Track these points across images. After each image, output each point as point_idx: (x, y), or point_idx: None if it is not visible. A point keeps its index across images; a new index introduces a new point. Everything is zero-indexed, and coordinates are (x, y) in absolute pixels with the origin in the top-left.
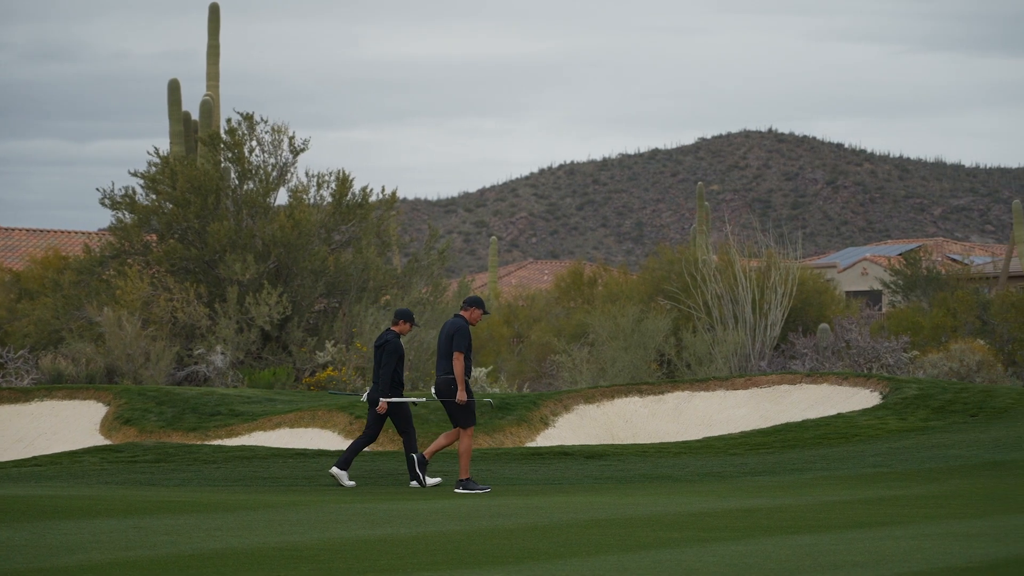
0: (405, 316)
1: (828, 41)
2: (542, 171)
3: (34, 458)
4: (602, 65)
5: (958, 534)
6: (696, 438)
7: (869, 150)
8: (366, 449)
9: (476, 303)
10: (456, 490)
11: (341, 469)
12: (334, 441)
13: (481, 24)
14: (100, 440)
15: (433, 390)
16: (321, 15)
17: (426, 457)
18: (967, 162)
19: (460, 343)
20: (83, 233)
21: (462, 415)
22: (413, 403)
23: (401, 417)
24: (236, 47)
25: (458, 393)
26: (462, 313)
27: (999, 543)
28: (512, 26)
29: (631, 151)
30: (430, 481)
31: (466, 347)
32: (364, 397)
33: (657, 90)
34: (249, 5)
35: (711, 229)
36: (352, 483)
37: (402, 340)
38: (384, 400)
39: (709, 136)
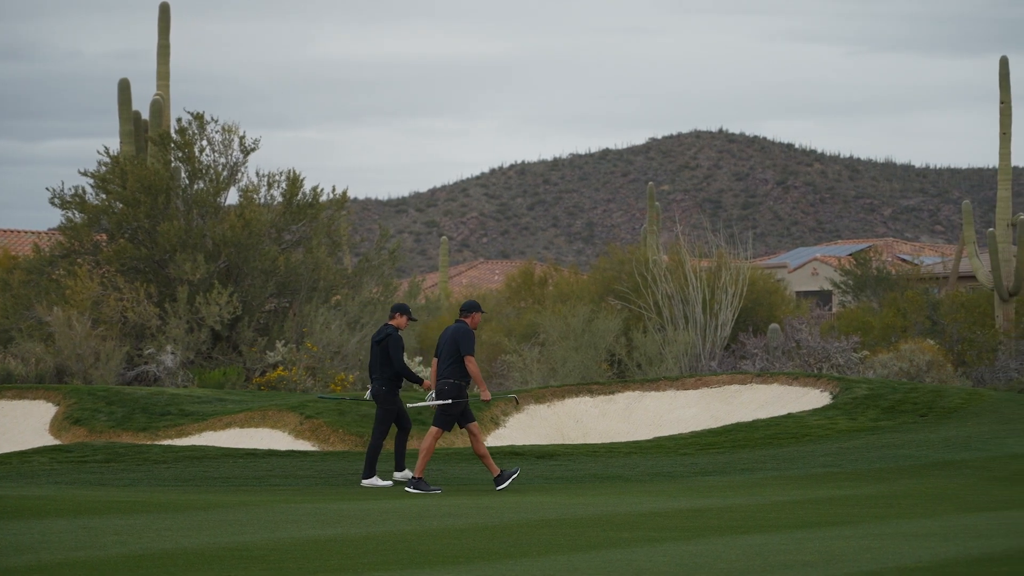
0: (402, 310)
1: (779, 42)
2: (493, 171)
3: None
4: (554, 65)
5: (908, 534)
6: (646, 438)
7: (819, 150)
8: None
9: (476, 307)
10: (407, 489)
11: (400, 471)
12: (284, 441)
13: (434, 24)
14: (50, 440)
15: (433, 394)
16: (273, 15)
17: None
18: (917, 162)
19: (469, 346)
20: (33, 233)
21: (444, 416)
22: (420, 405)
23: (384, 412)
24: (187, 47)
25: (482, 393)
26: (464, 319)
27: (948, 543)
28: (464, 26)
29: (582, 151)
30: (383, 483)
31: (472, 351)
32: (368, 395)
33: (608, 90)
34: (200, 5)
35: (661, 229)
36: (387, 483)
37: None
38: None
39: (660, 136)
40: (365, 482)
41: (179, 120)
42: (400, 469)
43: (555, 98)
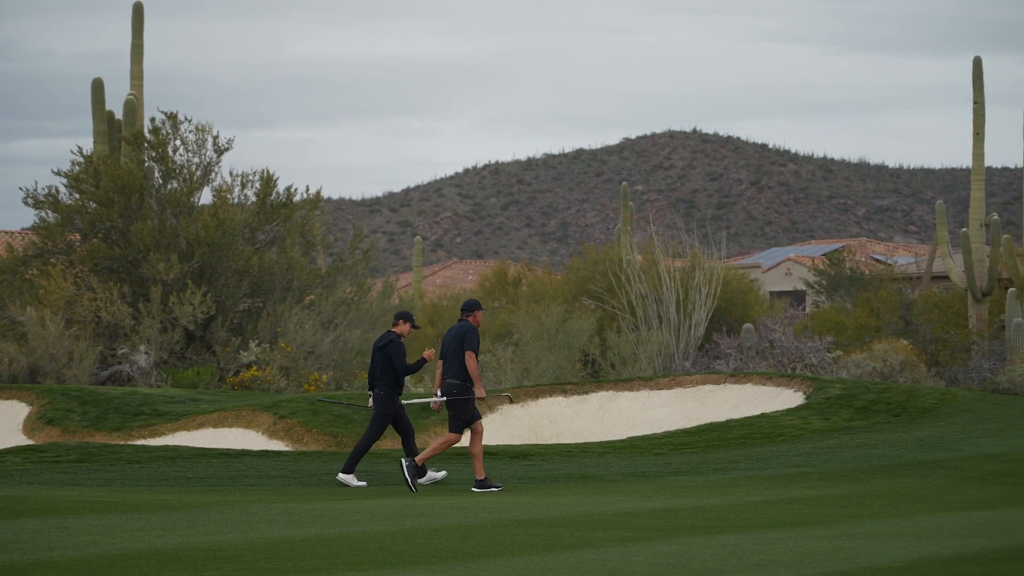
0: (406, 317)
1: (753, 42)
2: (467, 171)
3: None
4: (528, 65)
5: (881, 534)
6: (620, 438)
7: (793, 150)
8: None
9: (477, 306)
10: (473, 489)
11: (418, 477)
12: (258, 441)
13: (408, 24)
14: (23, 440)
15: (439, 392)
16: (247, 15)
17: (418, 463)
18: (891, 163)
19: (473, 343)
20: (6, 232)
21: (458, 420)
22: (423, 402)
23: (380, 415)
24: (161, 47)
25: (477, 389)
26: (467, 318)
27: (921, 542)
28: (438, 26)
29: (556, 151)
30: (424, 480)
31: (477, 348)
32: (370, 404)
33: (582, 90)
34: (174, 5)
35: (635, 229)
36: (441, 474)
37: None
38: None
39: (634, 136)
40: (342, 476)
41: (153, 120)
42: (422, 474)
43: (529, 98)
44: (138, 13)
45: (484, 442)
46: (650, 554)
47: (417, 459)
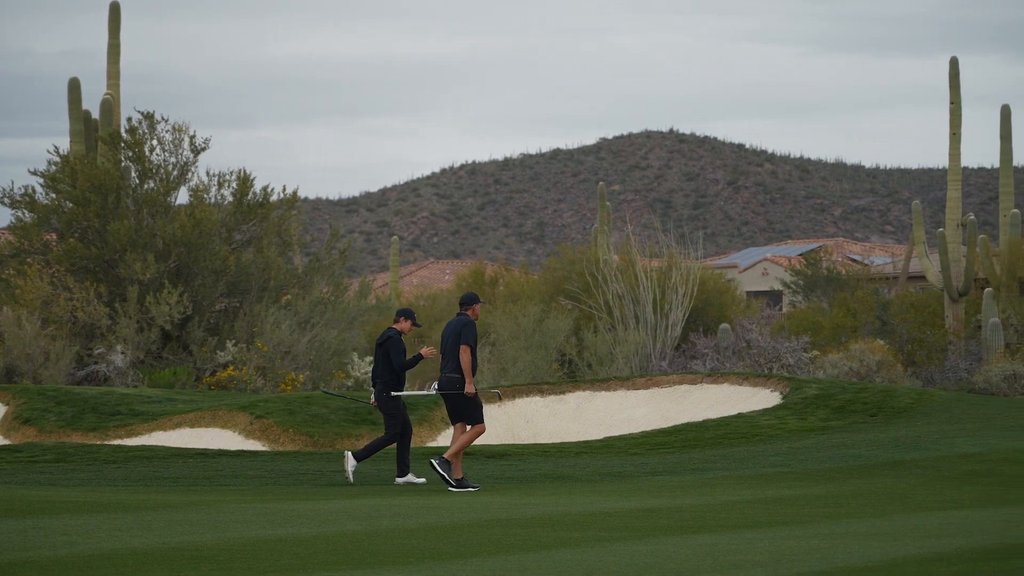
0: (407, 314)
1: (730, 42)
2: (444, 171)
3: None
4: (505, 66)
5: (857, 533)
6: (597, 438)
7: (770, 150)
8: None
9: (475, 299)
10: (433, 461)
11: (403, 475)
12: (234, 441)
13: (386, 24)
14: None
15: (436, 386)
16: (225, 14)
17: (447, 458)
18: (867, 163)
19: (469, 336)
20: None
21: (468, 412)
22: (420, 395)
23: (392, 417)
24: (138, 46)
25: (466, 385)
26: (465, 311)
27: (898, 542)
28: (416, 27)
29: (533, 151)
30: (401, 480)
31: (474, 341)
32: (371, 400)
33: (559, 90)
34: (151, 5)
35: (612, 229)
36: (423, 480)
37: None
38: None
39: (610, 136)
40: (400, 480)
41: (129, 120)
42: (403, 475)
43: (506, 98)
44: (115, 13)
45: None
46: (627, 554)
47: (446, 456)
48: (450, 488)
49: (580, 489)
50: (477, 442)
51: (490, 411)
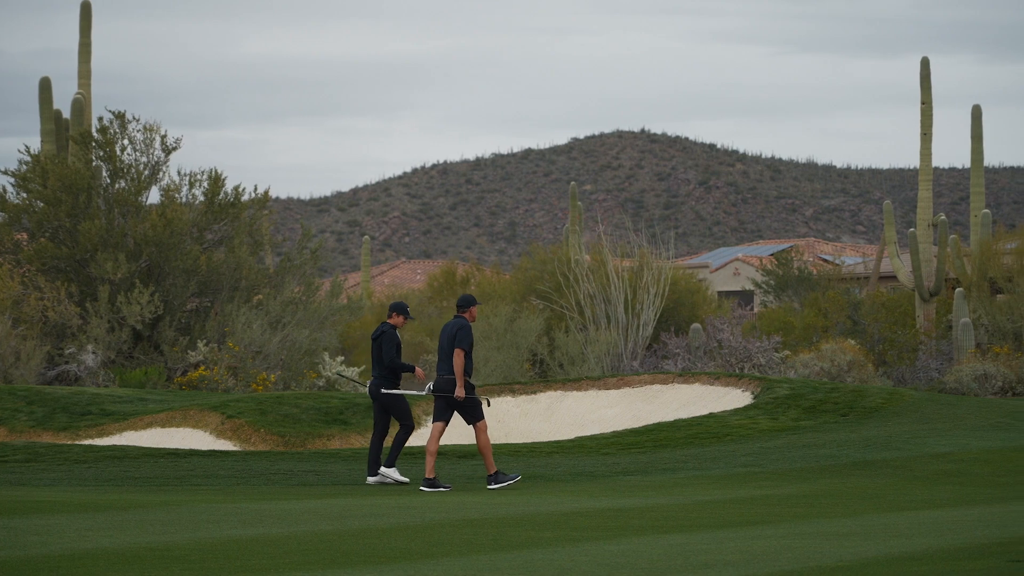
0: (399, 309)
1: (701, 42)
2: (415, 171)
3: None
4: (477, 65)
5: (828, 533)
6: (568, 438)
7: (741, 151)
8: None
9: (472, 301)
10: (489, 487)
11: (374, 475)
12: (206, 441)
13: (358, 24)
14: None
15: (431, 386)
16: (196, 14)
17: (430, 477)
18: (838, 163)
19: (463, 340)
20: None
21: (467, 412)
22: (414, 395)
23: (399, 409)
24: (109, 46)
25: (456, 389)
26: (462, 314)
27: (869, 542)
28: (388, 26)
29: (504, 151)
30: (401, 477)
31: (469, 345)
32: (366, 390)
33: (531, 90)
34: (123, 4)
35: (584, 229)
36: (407, 480)
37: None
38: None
39: (582, 136)
40: (424, 487)
41: (100, 119)
42: (373, 474)
43: (478, 98)
44: (86, 12)
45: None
46: (598, 554)
47: (488, 471)
48: (488, 487)
49: (552, 489)
50: (455, 441)
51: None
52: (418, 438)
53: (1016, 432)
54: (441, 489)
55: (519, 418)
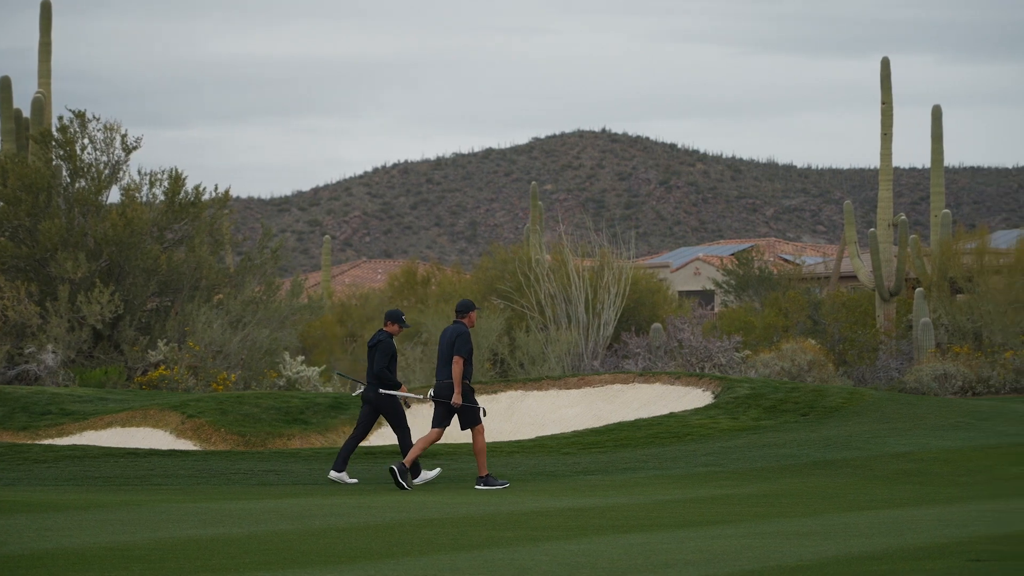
0: (394, 318)
1: (662, 42)
2: (376, 170)
3: None
4: (438, 65)
5: (789, 532)
6: (529, 437)
7: (702, 150)
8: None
9: (471, 307)
10: (477, 487)
11: (339, 471)
12: (166, 440)
13: (318, 24)
14: None
15: (432, 392)
16: (158, 13)
17: (406, 465)
18: (799, 163)
19: (462, 348)
20: None
21: (464, 418)
22: (410, 399)
23: (395, 414)
24: (70, 45)
25: (454, 396)
26: (461, 319)
27: (829, 541)
28: (348, 25)
29: (465, 150)
30: (418, 480)
31: (468, 352)
32: (357, 393)
33: (492, 90)
34: (83, 3)
35: (544, 229)
36: (355, 480)
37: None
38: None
39: (543, 136)
40: (416, 480)
41: (60, 118)
42: (339, 470)
43: (438, 97)
44: (46, 11)
45: (394, 441)
46: (559, 553)
47: (479, 472)
48: (476, 487)
49: (512, 488)
50: (379, 442)
51: (421, 411)
52: (376, 439)
53: (976, 432)
54: (496, 487)
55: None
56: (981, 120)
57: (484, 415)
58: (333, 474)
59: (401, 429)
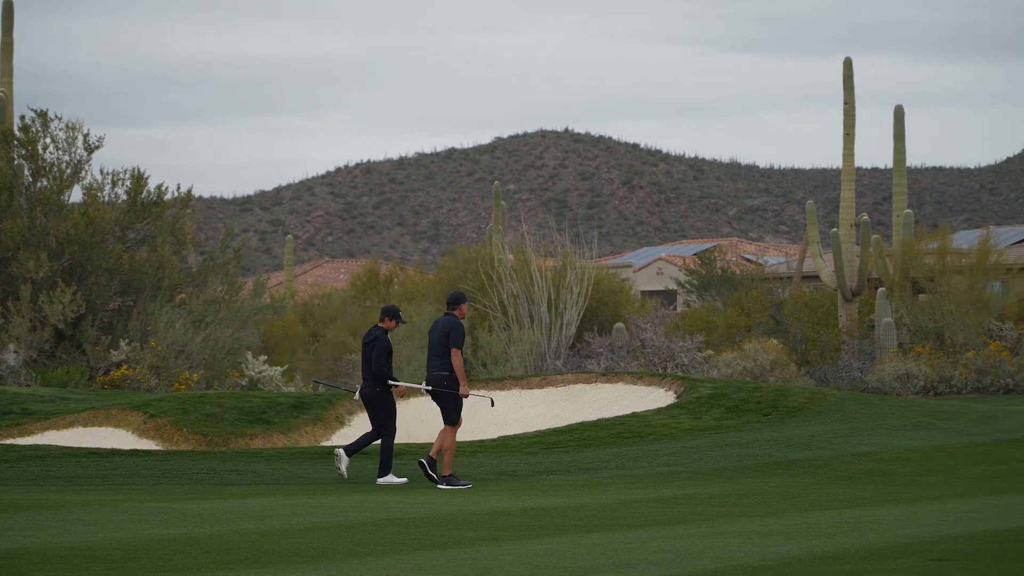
0: (392, 313)
1: (625, 42)
2: (339, 170)
3: None
4: (400, 65)
5: (751, 532)
6: (491, 437)
7: (665, 150)
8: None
9: (462, 299)
10: (440, 487)
11: (384, 475)
12: (128, 440)
13: (282, 23)
14: None
15: (425, 385)
16: (121, 12)
17: (433, 456)
18: (761, 163)
19: (458, 340)
20: None
21: (452, 411)
22: (413, 389)
23: (386, 412)
24: (33, 44)
25: (460, 387)
26: (452, 311)
27: (791, 541)
28: (312, 25)
29: (428, 150)
30: (383, 480)
31: (461, 342)
32: (357, 395)
33: (455, 90)
34: (45, 2)
35: (507, 228)
36: (404, 479)
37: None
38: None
39: (506, 136)
40: (381, 480)
41: (23, 117)
42: (349, 454)
43: (401, 97)
44: (8, 10)
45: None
46: (521, 553)
47: (444, 471)
48: (440, 487)
49: (475, 488)
50: (341, 442)
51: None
52: (337, 438)
53: (937, 432)
54: (460, 487)
55: (442, 417)
56: (943, 120)
57: (492, 405)
58: (381, 480)
59: (385, 429)
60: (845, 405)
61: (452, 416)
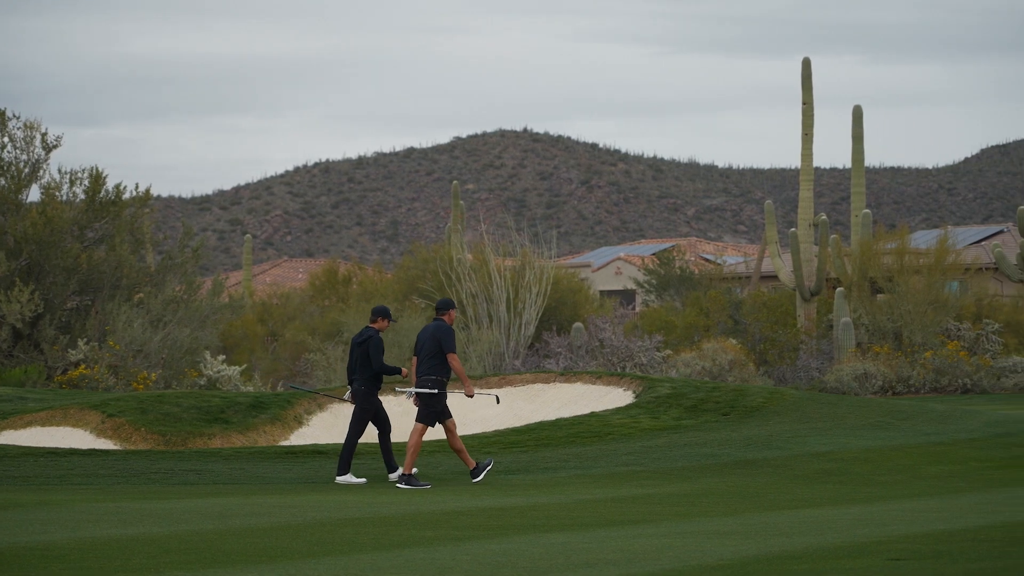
0: (384, 313)
1: (584, 41)
2: (297, 169)
3: None
4: (359, 64)
5: (709, 532)
6: None
7: (623, 150)
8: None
9: (451, 304)
10: (399, 486)
11: (393, 471)
12: (86, 440)
13: (239, 22)
14: None
15: (410, 392)
16: (78, 10)
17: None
18: (720, 163)
19: (451, 344)
20: None
21: (427, 412)
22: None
23: (363, 412)
24: None
25: (465, 388)
26: (441, 317)
27: (749, 540)
28: (270, 24)
29: (387, 150)
30: (342, 479)
31: (454, 347)
32: (347, 396)
33: (413, 89)
34: (3, 1)
35: (466, 228)
36: (428, 485)
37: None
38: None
39: (464, 135)
40: (339, 479)
41: None
42: (392, 470)
43: (360, 97)
44: None
45: (314, 440)
46: (479, 553)
47: (404, 470)
48: (399, 486)
49: (434, 488)
50: (326, 440)
51: (342, 410)
52: (295, 438)
53: (895, 431)
54: (485, 473)
55: (400, 417)
56: (901, 121)
57: (498, 402)
58: (340, 479)
59: (355, 427)
60: (803, 405)
61: (425, 415)
